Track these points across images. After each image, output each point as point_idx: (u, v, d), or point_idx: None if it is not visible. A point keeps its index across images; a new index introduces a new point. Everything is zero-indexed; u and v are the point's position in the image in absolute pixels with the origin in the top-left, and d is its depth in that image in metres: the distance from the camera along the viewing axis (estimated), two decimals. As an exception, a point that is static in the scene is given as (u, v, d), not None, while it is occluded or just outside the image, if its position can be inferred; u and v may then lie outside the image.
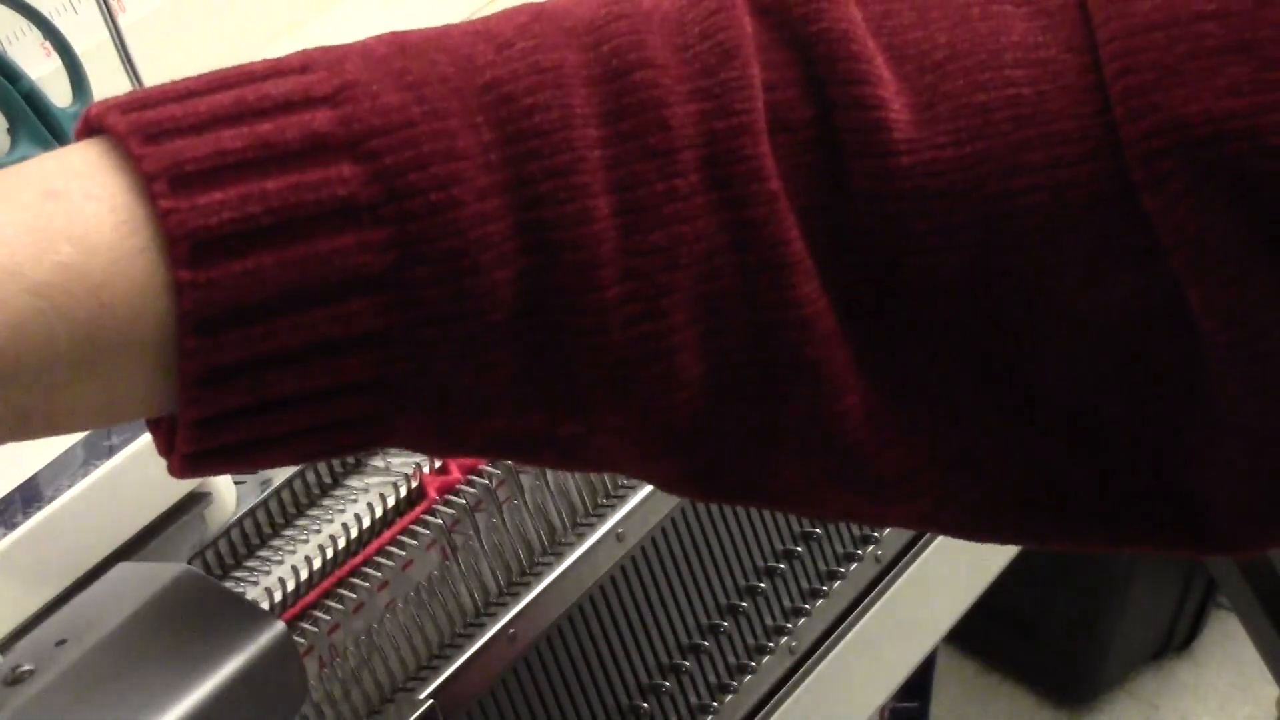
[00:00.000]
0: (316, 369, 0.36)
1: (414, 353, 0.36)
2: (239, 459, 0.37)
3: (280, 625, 0.43)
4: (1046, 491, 0.40)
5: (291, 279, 0.35)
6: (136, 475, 0.50)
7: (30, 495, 0.49)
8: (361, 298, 0.35)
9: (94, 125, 0.37)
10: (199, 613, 0.44)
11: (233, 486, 0.53)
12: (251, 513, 0.55)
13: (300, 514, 0.56)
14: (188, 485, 0.51)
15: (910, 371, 0.38)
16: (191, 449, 0.37)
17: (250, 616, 0.44)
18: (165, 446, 0.39)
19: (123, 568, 0.47)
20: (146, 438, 0.50)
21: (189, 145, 0.36)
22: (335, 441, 0.37)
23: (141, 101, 0.37)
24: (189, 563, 0.51)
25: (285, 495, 0.56)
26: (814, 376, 0.37)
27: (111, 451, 0.50)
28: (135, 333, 0.36)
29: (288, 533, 0.55)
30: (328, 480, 0.57)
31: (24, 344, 0.36)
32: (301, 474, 0.56)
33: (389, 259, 0.35)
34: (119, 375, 0.37)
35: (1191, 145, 0.35)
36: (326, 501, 0.57)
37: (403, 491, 0.55)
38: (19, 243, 0.35)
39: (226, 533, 0.54)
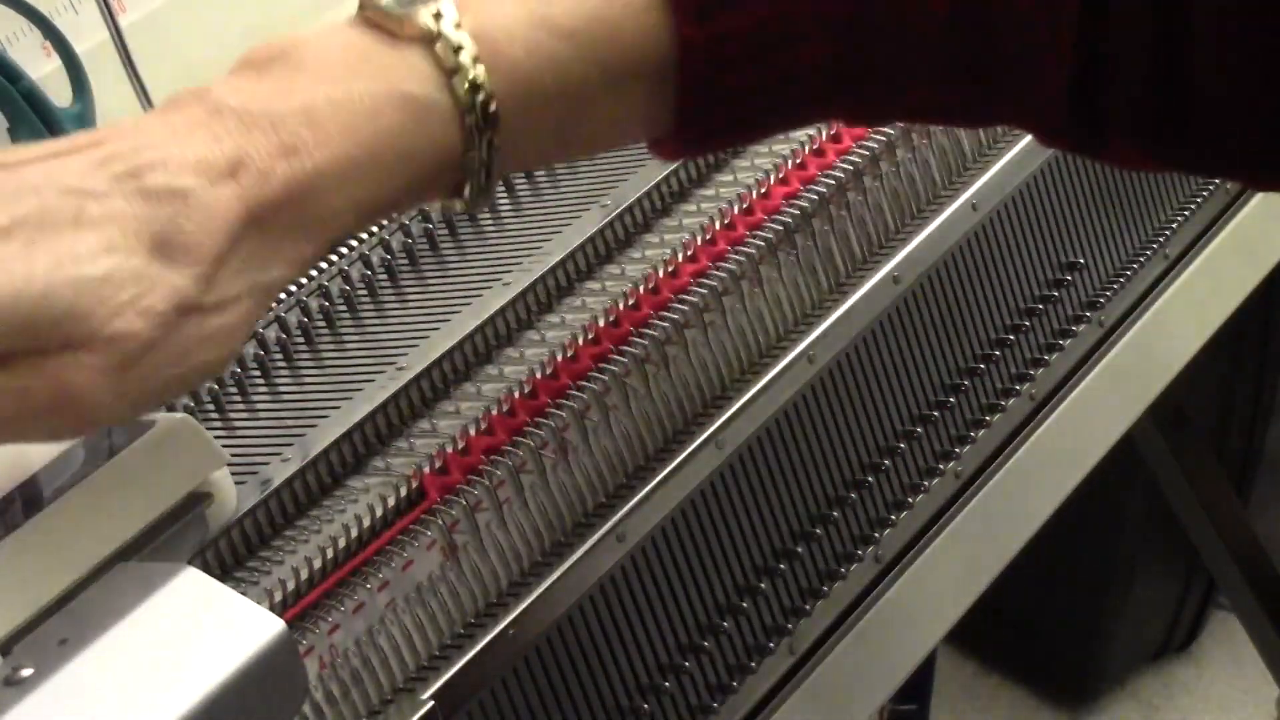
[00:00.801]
0: (790, 91, 0.48)
1: (863, 52, 0.48)
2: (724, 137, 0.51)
3: (281, 625, 0.43)
4: None
5: (774, 24, 0.47)
6: (136, 475, 0.50)
7: (31, 495, 0.49)
8: (823, 32, 0.47)
9: None
10: (200, 613, 0.44)
11: (233, 487, 0.53)
12: (252, 512, 0.55)
13: (300, 514, 0.56)
14: (188, 485, 0.51)
15: None
16: (690, 136, 0.50)
17: (251, 616, 0.44)
18: (666, 153, 0.52)
19: (124, 568, 0.47)
20: (147, 438, 0.50)
21: None
22: (789, 116, 0.51)
23: None
24: (190, 563, 0.51)
25: (285, 495, 0.56)
26: None
27: (112, 452, 0.50)
28: (649, 68, 0.47)
29: (288, 533, 0.55)
30: (328, 480, 0.57)
31: (564, 77, 0.46)
32: (302, 474, 0.56)
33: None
34: (634, 101, 0.48)
35: None
36: (326, 501, 0.57)
37: (403, 491, 0.55)
38: None
39: (227, 533, 0.54)
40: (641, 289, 0.62)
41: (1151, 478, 1.26)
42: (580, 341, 0.60)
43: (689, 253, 0.63)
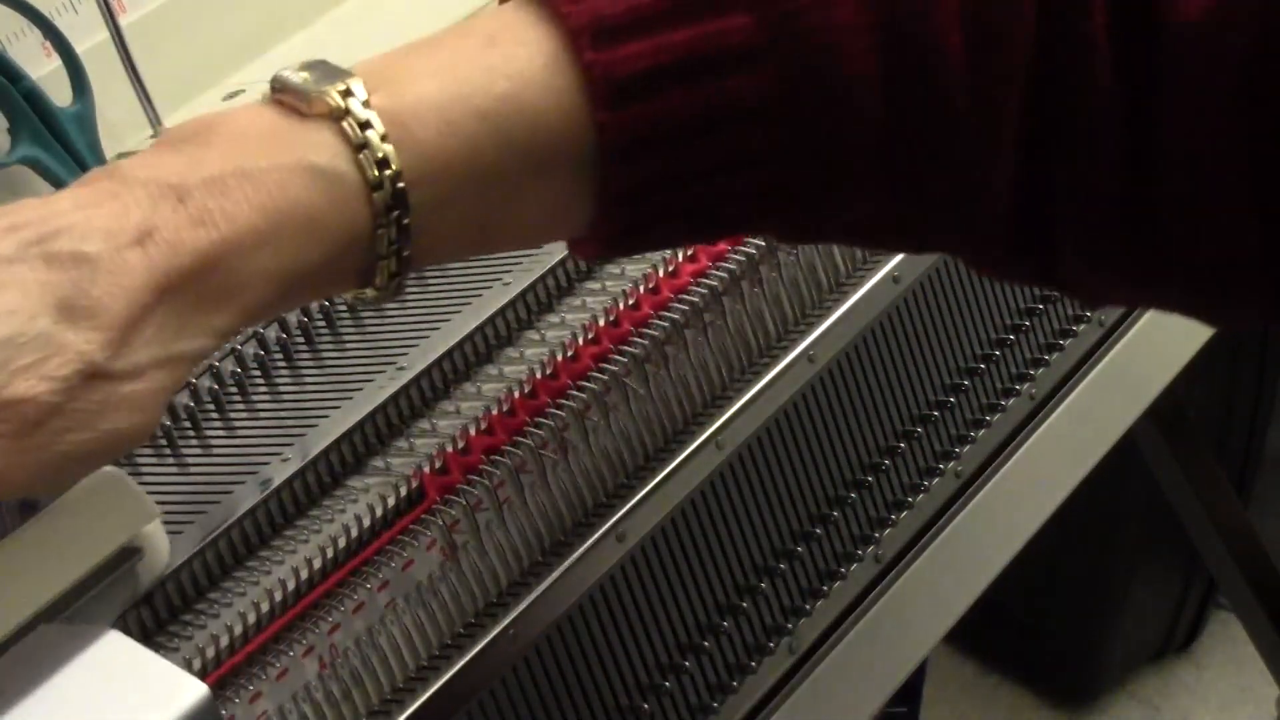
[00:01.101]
0: (717, 184, 0.46)
1: (794, 161, 0.46)
2: (647, 238, 0.49)
3: (203, 690, 0.43)
4: None
5: (695, 114, 0.45)
6: (61, 532, 0.48)
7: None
8: (752, 123, 0.45)
9: None
10: (119, 678, 0.44)
11: (166, 540, 0.52)
12: (252, 513, 0.55)
13: (300, 514, 0.56)
14: (116, 541, 0.50)
15: None
16: (609, 232, 0.47)
17: (172, 682, 0.43)
18: (586, 252, 0.50)
19: (45, 630, 0.46)
20: (72, 493, 0.48)
21: (607, 4, 0.45)
22: (717, 225, 0.49)
23: None
24: (120, 619, 0.50)
25: (285, 495, 0.56)
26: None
27: (35, 508, 0.48)
28: (564, 156, 0.46)
29: (288, 533, 0.55)
30: (328, 480, 0.57)
31: (476, 160, 0.45)
32: (302, 474, 0.56)
33: (775, 91, 0.45)
34: (551, 191, 0.46)
35: None
36: (326, 501, 0.57)
37: (403, 491, 0.55)
38: (469, 78, 0.45)
39: (227, 534, 0.54)
40: (641, 289, 0.62)
41: (1151, 478, 1.26)
42: (580, 341, 0.60)
43: (689, 253, 0.63)
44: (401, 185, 0.44)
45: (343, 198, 0.44)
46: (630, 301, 0.61)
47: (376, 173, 0.44)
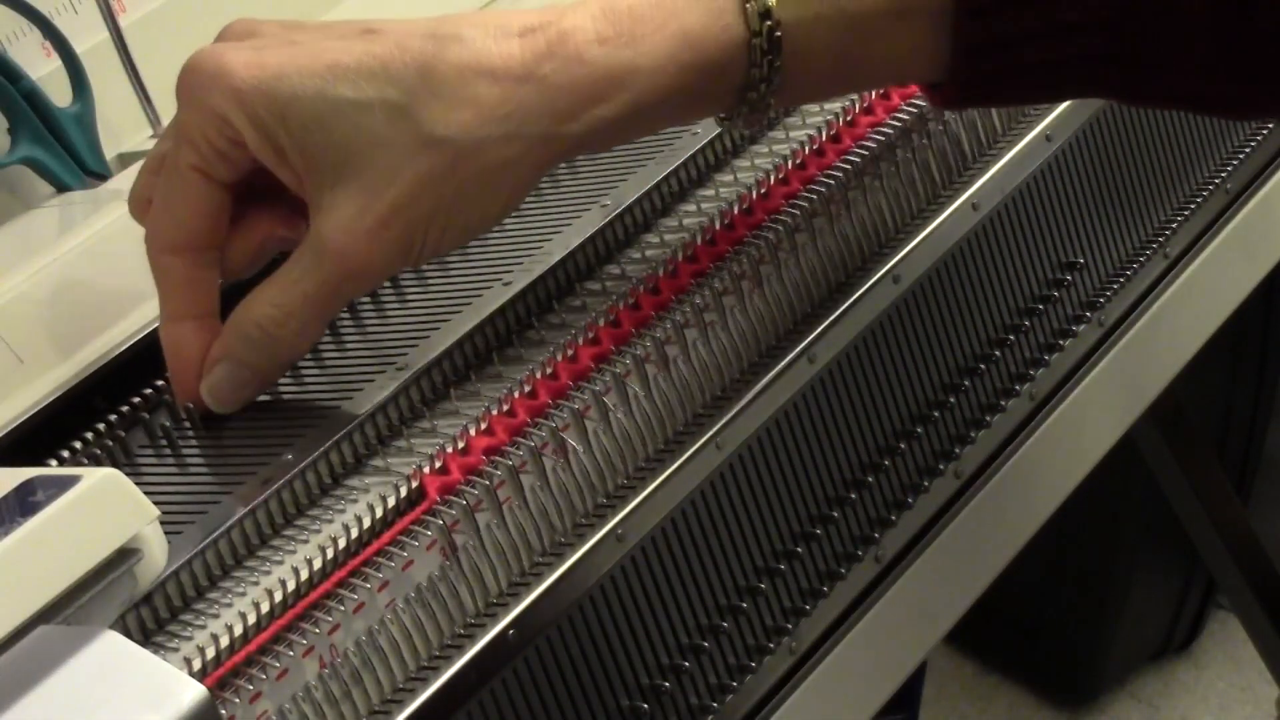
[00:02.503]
0: (1059, 46, 0.54)
1: (1130, 27, 0.53)
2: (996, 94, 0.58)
3: (202, 691, 0.43)
4: None
5: None
6: (59, 534, 0.48)
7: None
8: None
9: None
10: (118, 679, 0.44)
11: (165, 541, 0.52)
12: (252, 513, 0.55)
13: (300, 514, 0.56)
14: (114, 542, 0.50)
15: None
16: (962, 83, 0.57)
17: (171, 683, 0.43)
18: (941, 100, 0.60)
19: (43, 631, 0.46)
20: (70, 494, 0.49)
21: None
22: (1059, 86, 0.58)
23: None
24: (117, 622, 0.50)
25: (285, 495, 0.56)
26: None
27: (34, 510, 0.48)
28: (924, 2, 0.54)
29: (288, 533, 0.55)
30: (328, 480, 0.57)
31: (844, 7, 0.55)
32: (302, 474, 0.56)
33: None
34: (910, 36, 0.55)
35: None
36: (326, 501, 0.57)
37: (403, 491, 0.55)
38: None
39: (227, 534, 0.54)
40: (642, 289, 0.62)
41: (1151, 478, 1.26)
42: (580, 341, 0.60)
43: (689, 253, 0.63)
44: (778, 34, 0.54)
45: (728, 39, 0.54)
46: (630, 301, 0.61)
47: (758, 23, 0.54)
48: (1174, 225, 0.79)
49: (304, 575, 0.52)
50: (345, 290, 0.58)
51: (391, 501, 0.55)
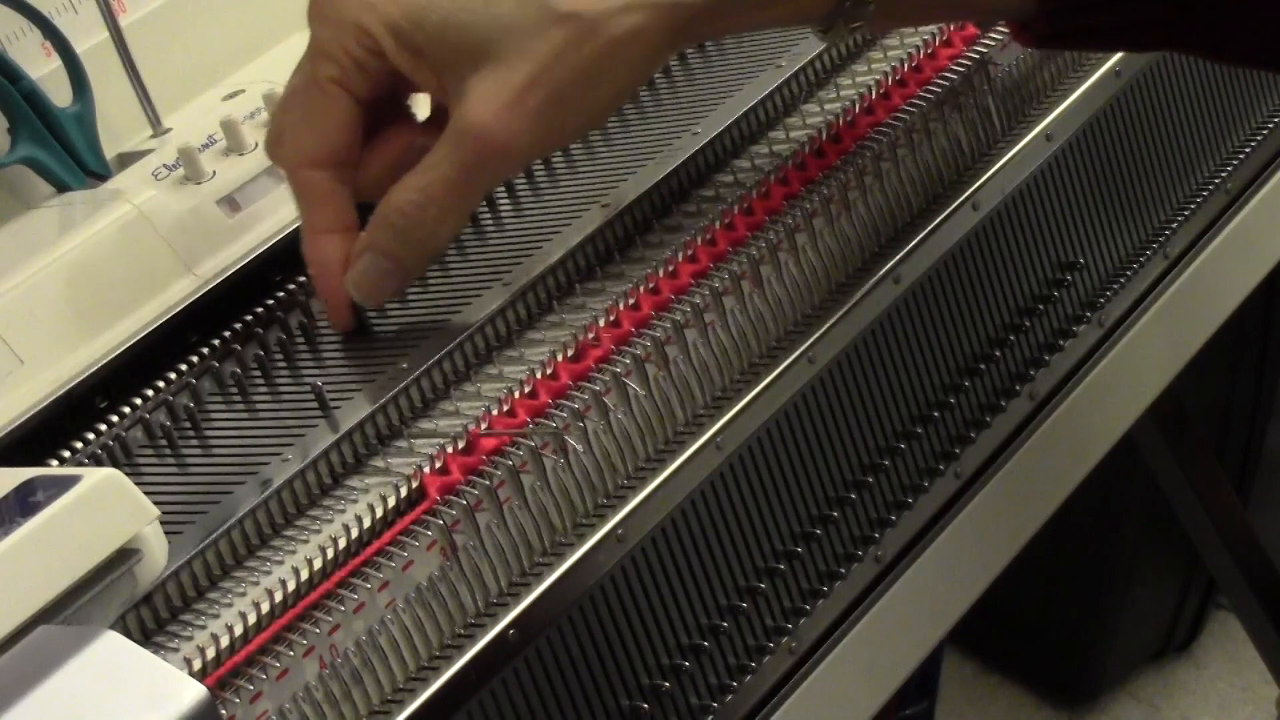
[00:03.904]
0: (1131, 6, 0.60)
1: None
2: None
3: (202, 691, 0.43)
4: None
5: None
6: (60, 534, 0.49)
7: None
8: None
9: None
10: (118, 679, 0.44)
11: (165, 541, 0.52)
12: (252, 513, 0.55)
13: (300, 514, 0.56)
14: (115, 542, 0.50)
15: None
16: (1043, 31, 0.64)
17: (171, 683, 0.43)
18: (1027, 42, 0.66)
19: (44, 631, 0.47)
20: (71, 495, 0.49)
21: None
22: (1137, 40, 0.65)
23: None
24: (117, 623, 0.50)
25: (285, 495, 0.56)
26: None
27: (34, 510, 0.49)
28: None
29: (288, 533, 0.55)
30: (328, 480, 0.57)
31: None
32: (302, 474, 0.56)
33: None
34: None
35: None
36: (326, 501, 0.57)
37: (403, 491, 0.55)
38: None
39: (227, 534, 0.54)
40: (641, 289, 0.62)
41: (1151, 478, 1.26)
42: (580, 341, 0.60)
43: (689, 253, 0.63)
44: None
45: None
46: (630, 301, 0.61)
47: None
48: (1174, 225, 0.79)
49: (304, 575, 0.52)
50: (484, 172, 0.60)
51: (391, 501, 0.55)
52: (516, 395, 0.58)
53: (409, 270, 0.62)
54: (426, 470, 0.55)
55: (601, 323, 0.60)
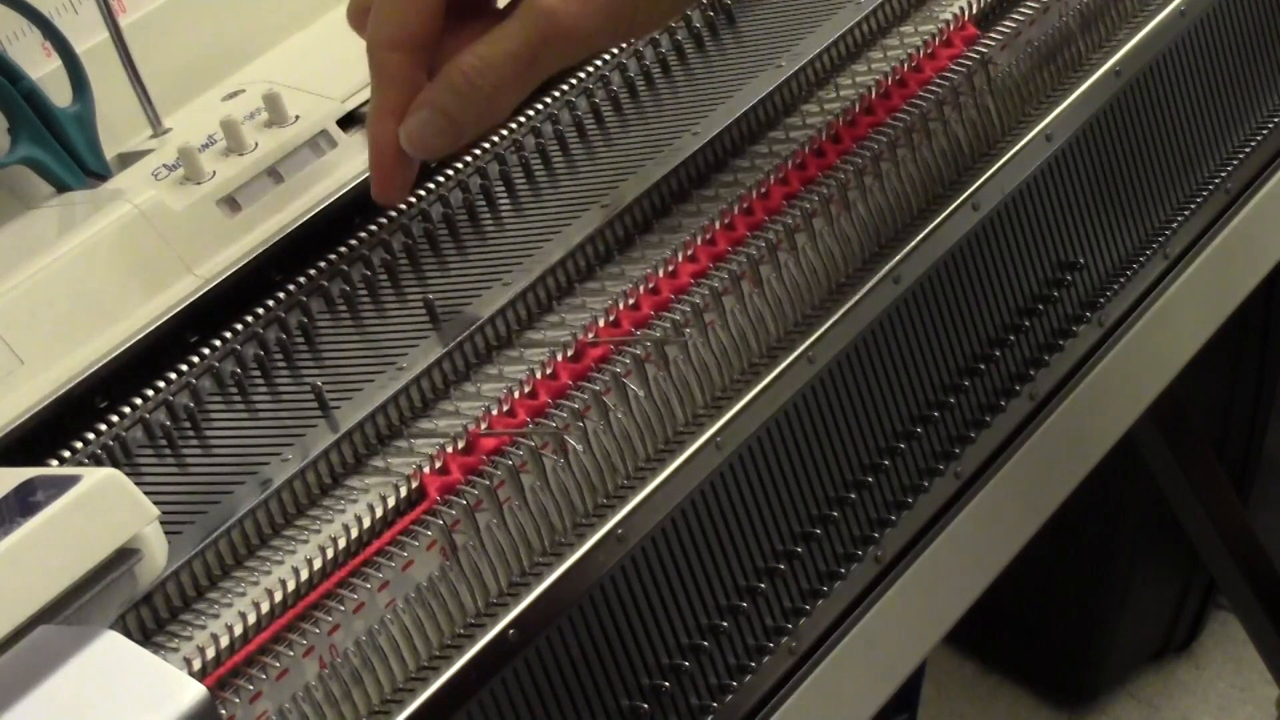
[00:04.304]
0: None
1: None
2: None
3: (202, 691, 0.43)
4: None
5: None
6: (60, 534, 0.49)
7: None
8: None
9: None
10: (118, 679, 0.44)
11: (164, 541, 0.52)
12: (252, 513, 0.55)
13: (300, 514, 0.56)
14: (114, 542, 0.50)
15: None
16: None
17: (171, 683, 0.43)
18: None
19: (43, 631, 0.47)
20: (71, 494, 0.49)
21: None
22: None
23: None
24: (116, 623, 0.50)
25: (285, 495, 0.56)
26: None
27: (34, 510, 0.49)
28: None
29: (288, 533, 0.55)
30: (328, 480, 0.57)
31: None
32: (302, 474, 0.56)
33: None
34: None
35: None
36: (326, 501, 0.57)
37: (403, 491, 0.55)
38: None
39: (227, 534, 0.54)
40: (641, 289, 0.62)
41: (1151, 478, 1.26)
42: (580, 341, 0.60)
43: (689, 253, 0.63)
44: None
45: None
46: (630, 301, 0.61)
47: None
48: (1174, 225, 0.79)
49: (304, 575, 0.52)
50: (548, 52, 0.61)
51: (391, 501, 0.55)
52: (516, 395, 0.58)
53: (460, 131, 0.63)
54: (426, 470, 0.55)
55: (601, 323, 0.60)
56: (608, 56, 0.77)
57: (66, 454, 0.60)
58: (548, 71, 0.63)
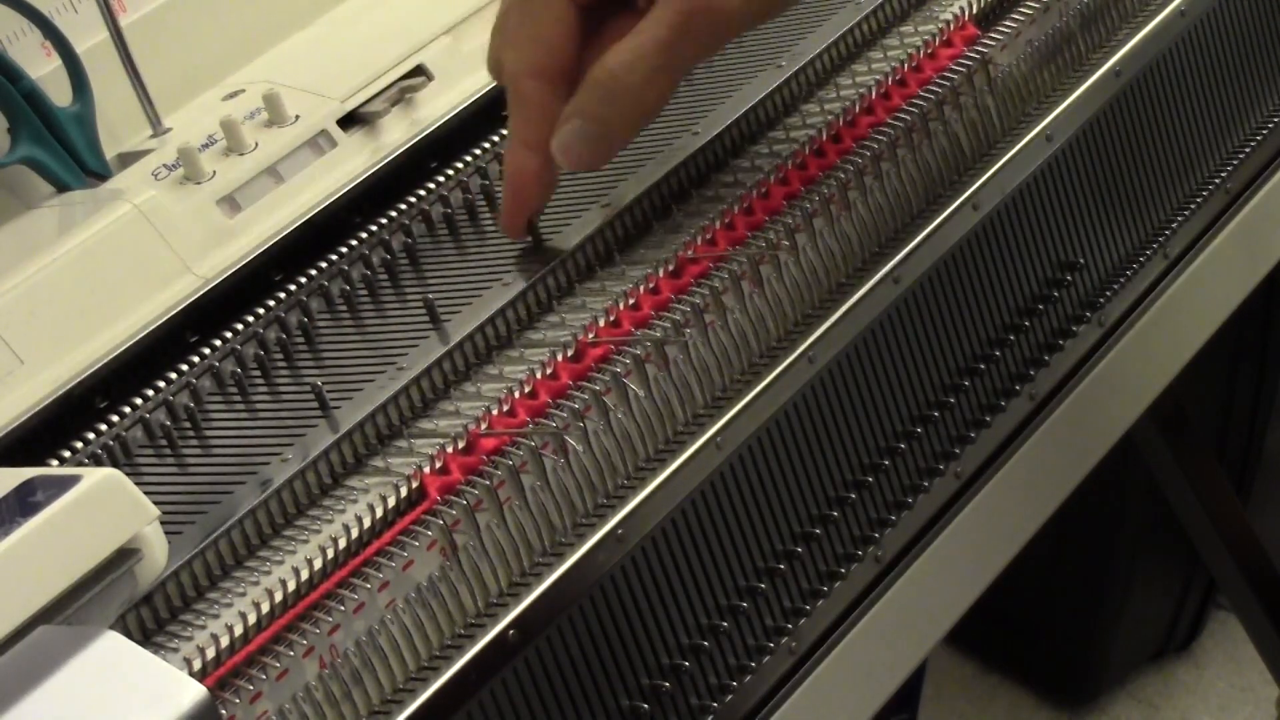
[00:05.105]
0: None
1: None
2: None
3: (202, 691, 0.43)
4: None
5: None
6: (60, 534, 0.49)
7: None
8: None
9: None
10: (118, 679, 0.44)
11: (165, 541, 0.52)
12: (252, 513, 0.55)
13: (300, 514, 0.56)
14: (115, 542, 0.50)
15: None
16: None
17: (171, 683, 0.43)
18: None
19: (44, 631, 0.47)
20: (71, 495, 0.49)
21: None
22: None
23: None
24: (117, 623, 0.50)
25: (285, 495, 0.56)
26: None
27: (34, 510, 0.49)
28: None
29: (288, 533, 0.55)
30: (328, 480, 0.57)
31: None
32: (302, 474, 0.56)
33: None
34: None
35: None
36: (326, 502, 0.57)
37: (403, 491, 0.55)
38: None
39: (227, 534, 0.54)
40: (641, 289, 0.62)
41: (1151, 478, 1.26)
42: (580, 341, 0.60)
43: (689, 253, 0.63)
44: None
45: None
46: (630, 301, 0.61)
47: None
48: (1174, 225, 0.79)
49: (304, 575, 0.52)
50: (697, 32, 0.59)
51: (392, 501, 0.55)
52: (516, 395, 0.58)
53: (615, 136, 0.61)
54: (426, 470, 0.55)
55: (601, 323, 0.60)
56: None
57: (66, 454, 0.60)
58: (695, 59, 0.61)
